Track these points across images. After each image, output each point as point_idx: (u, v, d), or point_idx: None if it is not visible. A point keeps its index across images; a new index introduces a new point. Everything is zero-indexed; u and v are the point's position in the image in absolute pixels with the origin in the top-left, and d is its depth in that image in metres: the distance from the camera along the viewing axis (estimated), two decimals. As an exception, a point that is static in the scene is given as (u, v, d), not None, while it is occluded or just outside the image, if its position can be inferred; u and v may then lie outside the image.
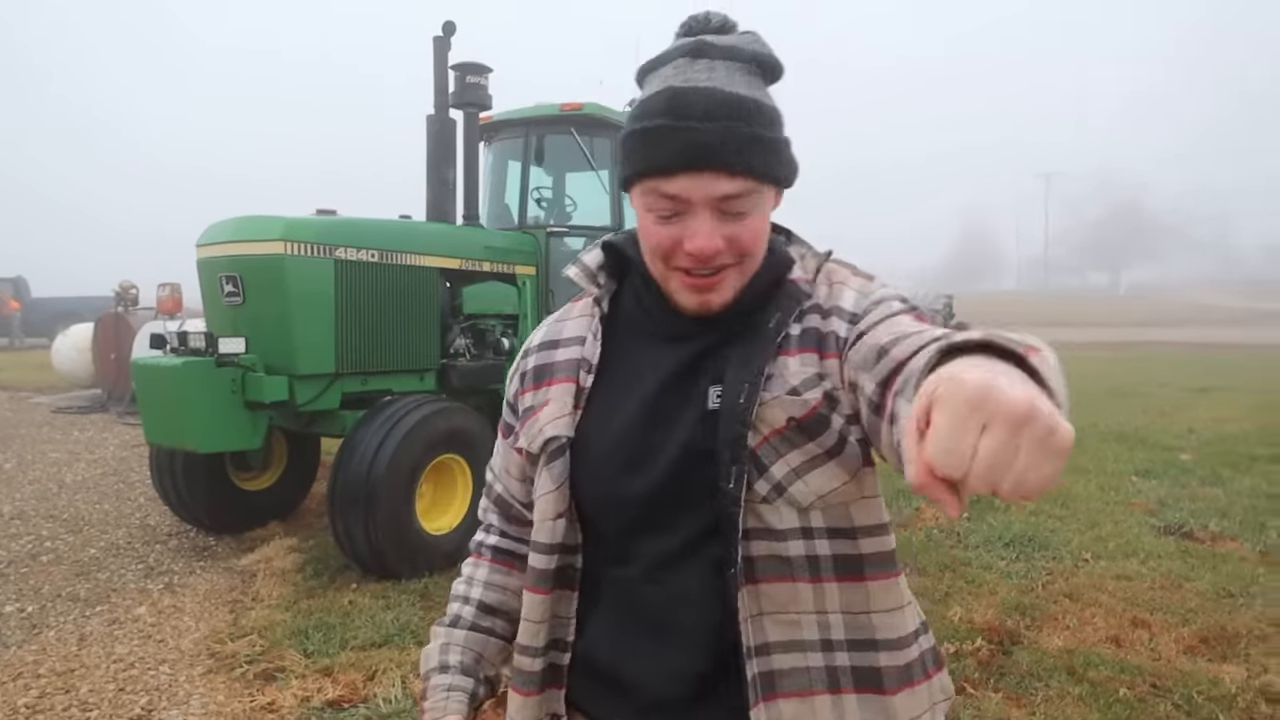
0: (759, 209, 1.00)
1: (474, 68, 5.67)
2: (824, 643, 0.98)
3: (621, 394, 1.08)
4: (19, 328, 22.17)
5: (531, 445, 1.11)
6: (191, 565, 5.01)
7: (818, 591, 0.98)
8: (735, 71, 0.99)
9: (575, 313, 1.18)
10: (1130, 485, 6.60)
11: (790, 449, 0.97)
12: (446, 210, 5.71)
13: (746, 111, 0.97)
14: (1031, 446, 0.56)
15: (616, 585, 1.08)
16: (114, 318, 11.04)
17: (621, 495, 1.04)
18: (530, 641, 1.11)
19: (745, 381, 0.98)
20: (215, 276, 4.83)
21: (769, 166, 0.99)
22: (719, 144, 0.95)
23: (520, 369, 1.20)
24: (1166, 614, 3.95)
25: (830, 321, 1.01)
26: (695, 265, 0.99)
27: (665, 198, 0.98)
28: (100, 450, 8.32)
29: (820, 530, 0.99)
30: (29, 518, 5.99)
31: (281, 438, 5.69)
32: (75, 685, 3.48)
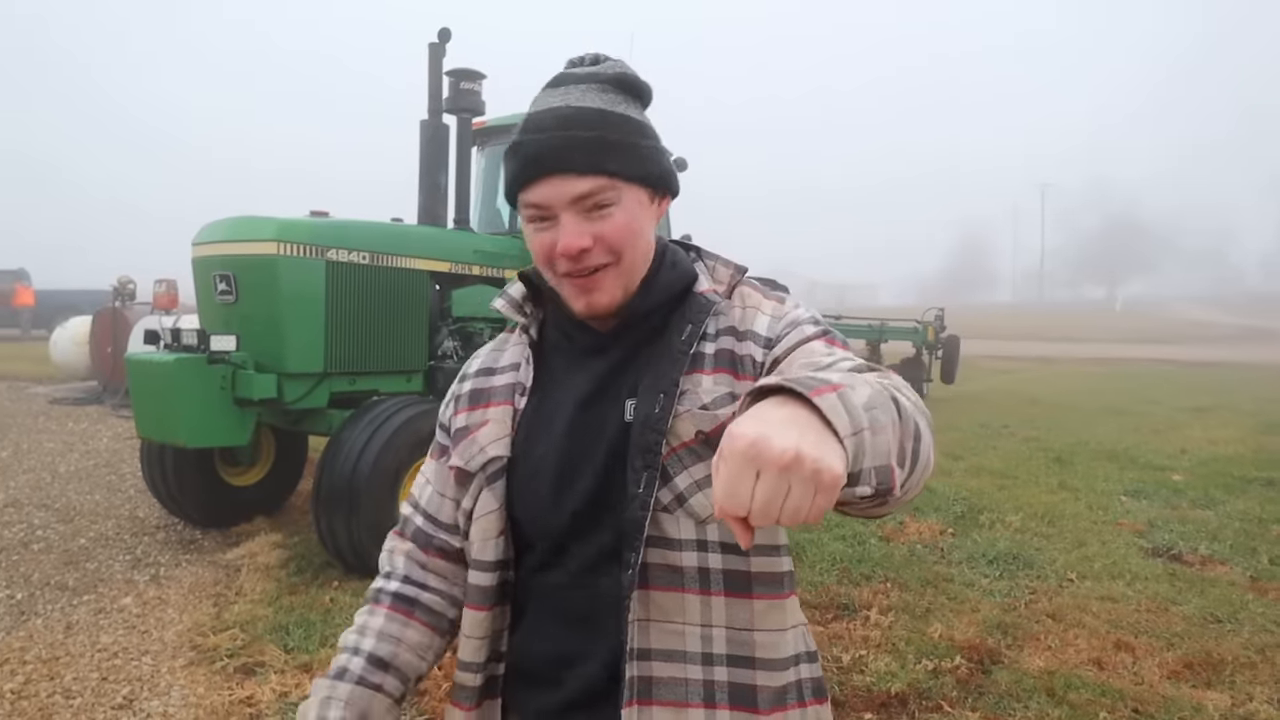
0: (621, 207, 1.04)
1: (468, 74, 5.71)
2: (704, 656, 1.02)
3: (550, 412, 1.12)
4: (28, 320, 22.22)
5: (470, 464, 1.14)
6: (178, 558, 5.03)
7: (705, 604, 1.02)
8: (590, 91, 1.06)
9: (511, 342, 1.23)
10: (1119, 505, 6.59)
11: (695, 461, 1.02)
12: (438, 214, 5.75)
13: (588, 120, 1.03)
14: (799, 485, 0.66)
15: (545, 591, 1.11)
16: (111, 312, 11.07)
17: (552, 508, 1.08)
18: (472, 658, 1.13)
19: (660, 392, 1.03)
20: (209, 275, 4.85)
21: (619, 165, 1.04)
22: (563, 148, 1.02)
23: (455, 393, 1.23)
24: (1151, 637, 3.94)
25: (745, 344, 1.07)
26: (571, 267, 1.04)
27: (531, 206, 1.05)
28: (94, 441, 8.33)
29: (715, 544, 1.03)
30: (22, 506, 6.01)
31: (270, 435, 5.72)
32: (60, 673, 3.50)
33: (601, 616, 1.05)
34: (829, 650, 3.70)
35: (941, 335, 14.38)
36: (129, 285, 11.73)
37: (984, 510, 6.19)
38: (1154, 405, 13.60)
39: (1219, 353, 26.57)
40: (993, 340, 29.08)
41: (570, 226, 1.02)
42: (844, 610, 4.21)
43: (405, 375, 5.36)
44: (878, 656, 3.64)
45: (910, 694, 3.33)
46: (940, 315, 14.61)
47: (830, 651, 3.68)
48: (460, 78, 5.70)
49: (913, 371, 14.32)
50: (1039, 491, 6.93)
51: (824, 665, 3.54)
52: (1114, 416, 12.12)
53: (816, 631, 3.92)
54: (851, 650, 3.70)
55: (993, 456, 8.48)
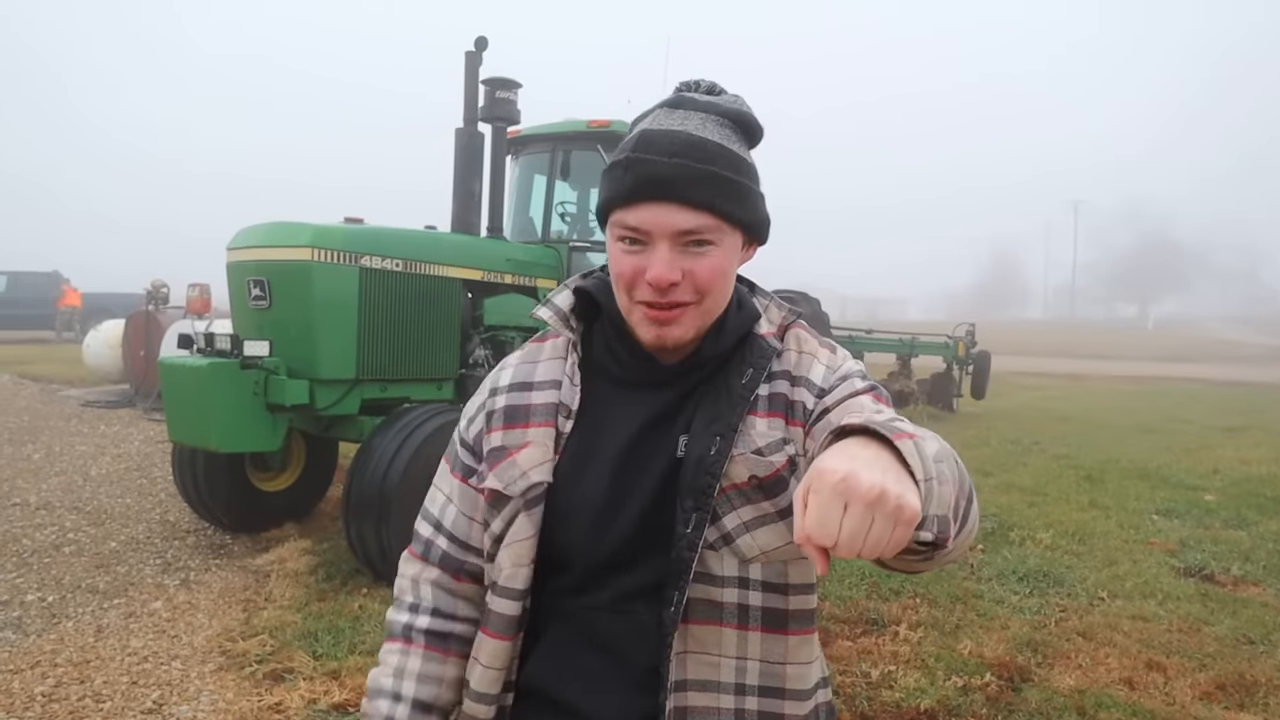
0: (720, 248, 1.03)
1: (504, 83, 5.76)
2: (738, 686, 1.04)
3: (596, 441, 1.09)
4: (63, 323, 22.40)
5: (510, 488, 1.09)
6: (208, 562, 5.08)
7: (741, 638, 1.04)
8: (709, 122, 1.05)
9: (545, 355, 1.17)
10: (1151, 524, 6.49)
11: (745, 504, 1.03)
12: (471, 222, 5.79)
13: (709, 153, 1.01)
14: (882, 519, 0.71)
15: (576, 615, 1.09)
16: (144, 315, 11.21)
17: (596, 540, 1.06)
18: (487, 689, 1.10)
19: (717, 434, 1.03)
20: (243, 280, 4.91)
21: (730, 207, 1.02)
22: (678, 177, 0.99)
23: (486, 408, 1.17)
24: (1183, 658, 3.88)
25: (799, 391, 1.08)
26: (654, 297, 1.02)
27: (628, 228, 1.03)
28: (126, 445, 8.44)
29: (756, 582, 1.04)
30: (54, 508, 6.10)
31: (300, 440, 5.77)
32: (90, 676, 3.54)
33: (633, 643, 1.05)
34: (858, 665, 3.67)
35: (972, 351, 14.25)
36: (162, 289, 11.86)
37: (1014, 527, 6.12)
38: (1186, 424, 13.39)
39: (1252, 372, 26.13)
40: (1024, 357, 28.78)
41: (664, 257, 1.00)
42: (873, 625, 4.17)
43: (436, 383, 5.39)
44: (907, 672, 3.60)
45: (940, 710, 3.29)
46: (971, 331, 14.50)
47: (859, 667, 3.65)
48: (496, 86, 5.75)
49: (943, 387, 14.21)
50: (1070, 509, 6.84)
51: (853, 680, 3.53)
52: (1145, 435, 11.94)
53: (845, 646, 3.90)
54: (880, 666, 3.66)
55: (1023, 473, 8.38)
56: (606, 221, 1.08)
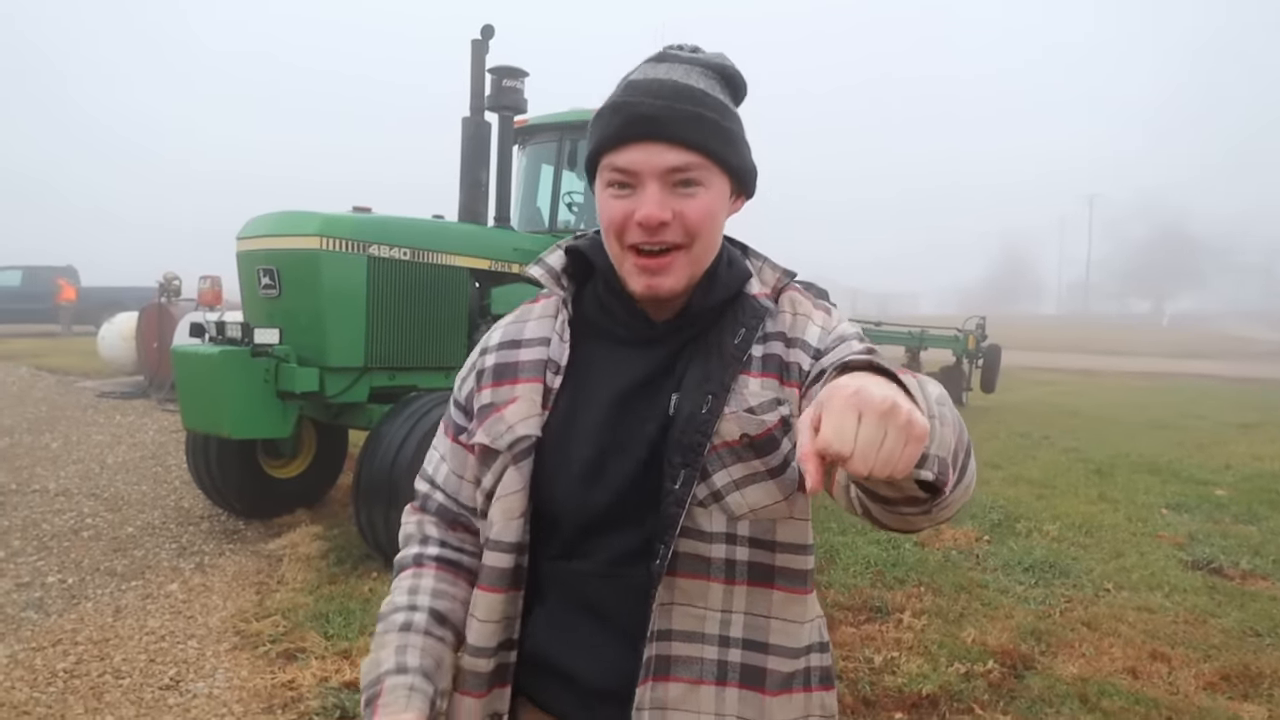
0: (709, 190, 1.04)
1: (510, 71, 5.75)
2: (721, 638, 1.06)
3: (587, 396, 1.10)
4: (69, 317, 22.60)
5: (497, 442, 1.10)
6: (221, 547, 5.16)
7: (727, 592, 1.06)
8: (694, 72, 1.07)
9: (534, 314, 1.19)
10: (1160, 518, 6.48)
11: (735, 462, 1.04)
12: (478, 211, 5.81)
13: (695, 96, 1.04)
14: (894, 432, 0.72)
15: (568, 580, 1.10)
16: (157, 308, 11.31)
17: (587, 496, 1.07)
18: (484, 643, 1.10)
19: (708, 393, 1.04)
20: (253, 269, 4.98)
21: (717, 147, 1.04)
22: (664, 117, 1.01)
23: (477, 367, 1.19)
24: (1188, 649, 3.89)
25: (794, 352, 1.09)
26: (644, 239, 1.03)
27: (616, 170, 1.04)
28: (140, 434, 8.54)
29: (744, 539, 1.06)
30: (72, 495, 6.20)
31: (311, 428, 5.83)
32: (110, 654, 3.63)
33: (628, 608, 1.06)
34: (860, 651, 3.70)
35: (982, 344, 14.20)
36: (174, 282, 11.96)
37: (1021, 519, 6.13)
38: (1199, 420, 13.31)
39: (1267, 369, 25.89)
40: (1035, 352, 28.59)
41: (654, 195, 1.01)
42: (877, 613, 4.20)
43: (444, 371, 5.43)
44: (910, 658, 3.63)
45: (941, 696, 3.32)
46: (981, 324, 14.43)
47: (862, 653, 3.68)
48: (502, 75, 5.74)
49: (953, 380, 14.15)
50: (1078, 502, 6.84)
51: (856, 665, 3.56)
52: (1157, 430, 11.88)
53: (849, 633, 3.92)
54: (884, 652, 3.69)
55: (1032, 466, 8.37)
56: (596, 173, 1.09)
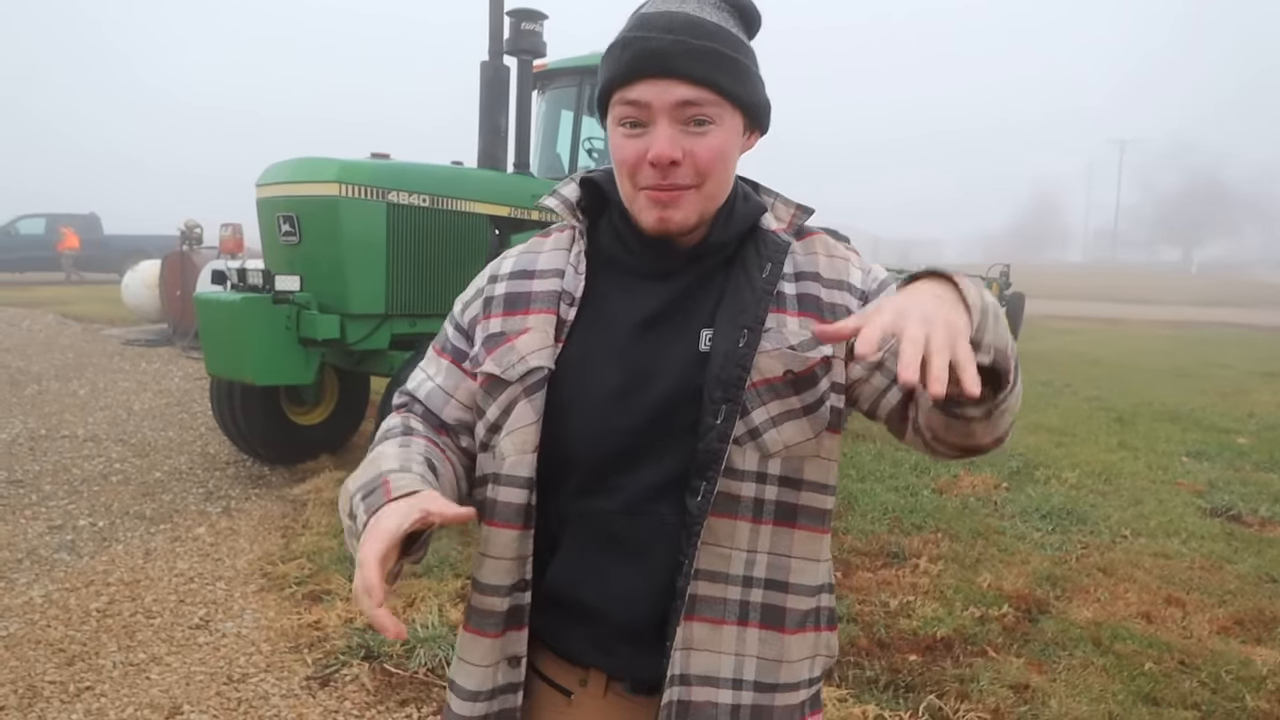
0: (721, 127, 1.02)
1: (529, 14, 5.65)
2: (745, 579, 1.06)
3: (605, 329, 1.08)
4: (71, 264, 22.71)
5: (508, 372, 1.07)
6: (247, 492, 5.26)
7: (754, 531, 1.06)
8: (706, 5, 1.04)
9: (547, 246, 1.16)
10: (1180, 466, 6.46)
11: (774, 399, 1.04)
12: (498, 158, 5.76)
13: (707, 30, 1.01)
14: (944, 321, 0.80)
15: (589, 519, 1.07)
16: (179, 256, 11.39)
17: (608, 429, 1.05)
18: (499, 580, 1.08)
19: (744, 327, 1.03)
20: (273, 216, 4.99)
21: (730, 83, 1.01)
22: (677, 51, 0.99)
23: (485, 294, 1.16)
24: (1203, 594, 3.92)
25: (837, 294, 1.09)
26: (657, 179, 1.01)
27: (628, 104, 1.01)
28: (166, 381, 8.67)
29: (774, 477, 1.06)
30: (100, 440, 6.32)
31: (334, 375, 5.90)
32: (140, 595, 3.73)
33: (654, 545, 1.05)
34: (877, 596, 3.74)
35: (1006, 292, 14.03)
36: (196, 230, 12.04)
37: (1040, 466, 6.13)
38: (1224, 369, 13.16)
39: (1297, 317, 25.48)
40: (1061, 300, 28.28)
41: (665, 133, 0.99)
42: (894, 558, 4.24)
43: (464, 318, 5.45)
44: (925, 603, 3.67)
45: (956, 639, 3.36)
46: (1005, 272, 14.24)
47: (878, 597, 3.73)
48: (521, 18, 5.64)
49: (973, 329, 14.04)
50: (1098, 450, 6.82)
51: (871, 609, 3.61)
52: (1181, 379, 11.78)
53: (866, 578, 3.97)
54: (899, 596, 3.73)
55: (1053, 414, 8.34)
56: (607, 111, 1.06)
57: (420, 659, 3.10)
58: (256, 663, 3.17)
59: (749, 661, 1.06)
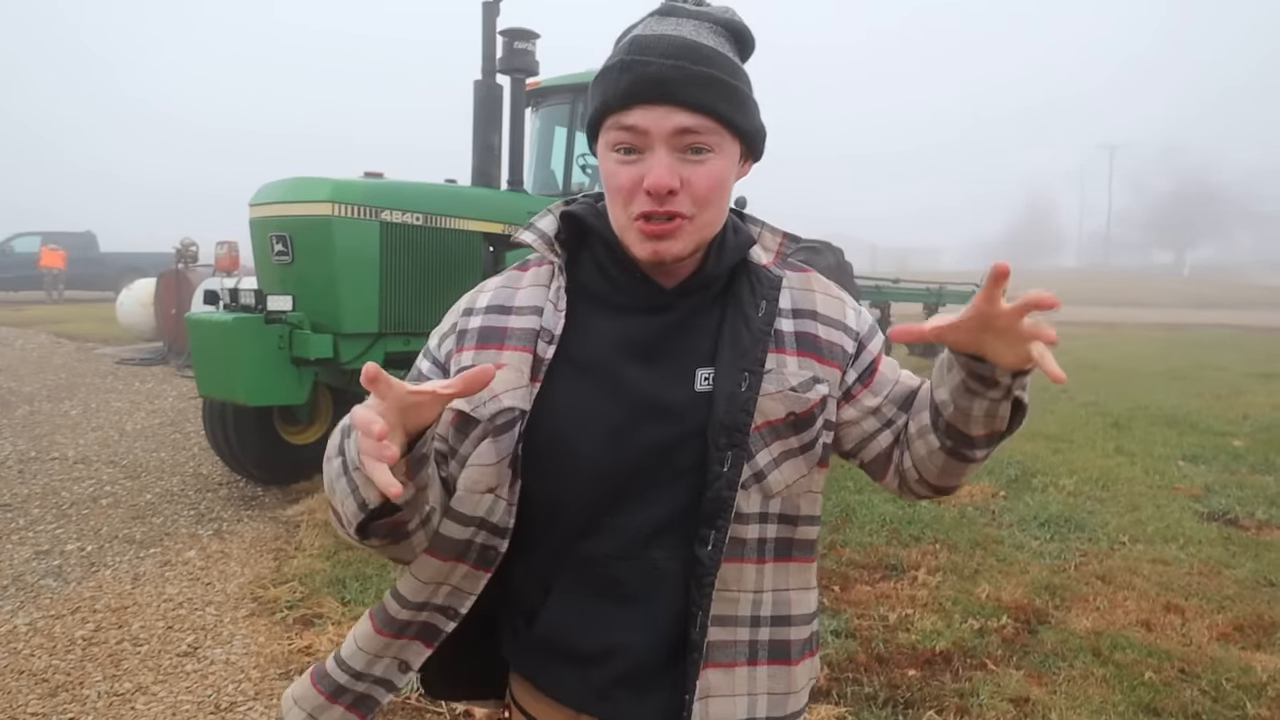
0: (719, 155, 1.00)
1: (522, 34, 5.69)
2: (753, 619, 1.06)
3: (591, 367, 1.04)
4: (53, 282, 22.63)
5: (478, 410, 1.03)
6: (240, 513, 5.22)
7: (759, 572, 1.06)
8: (703, 29, 1.01)
9: (524, 282, 1.11)
10: (1176, 470, 6.46)
11: (775, 439, 1.04)
12: (491, 175, 5.78)
13: (705, 56, 0.98)
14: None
15: (582, 562, 1.04)
16: (174, 274, 11.37)
17: (601, 470, 1.02)
18: (411, 596, 1.06)
19: (745, 370, 1.02)
20: (266, 235, 4.97)
21: (728, 110, 0.99)
22: (676, 78, 0.96)
23: (459, 326, 1.11)
24: (1202, 600, 3.90)
25: (832, 332, 1.10)
26: (653, 208, 0.98)
27: (624, 130, 0.98)
28: (160, 401, 8.63)
29: (774, 515, 1.06)
30: (91, 462, 6.28)
31: (328, 395, 5.86)
32: (128, 621, 3.68)
33: (652, 590, 1.03)
34: (876, 609, 3.71)
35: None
36: (191, 248, 12.01)
37: (1037, 474, 6.11)
38: (1219, 371, 13.18)
39: (1291, 317, 25.57)
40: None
41: (664, 160, 0.96)
42: (892, 570, 4.21)
43: (457, 336, 5.44)
44: (924, 615, 3.65)
45: (955, 652, 3.33)
46: (997, 277, 14.25)
47: (877, 610, 3.70)
48: (514, 37, 5.68)
49: (969, 335, 14.03)
50: (1094, 456, 6.81)
51: (870, 623, 3.59)
52: (1176, 382, 11.79)
53: (864, 591, 3.95)
54: (898, 609, 3.70)
55: (1049, 420, 8.33)
56: (598, 134, 1.03)
57: (413, 684, 3.06)
58: (245, 690, 3.13)
59: (761, 699, 1.07)
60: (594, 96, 1.03)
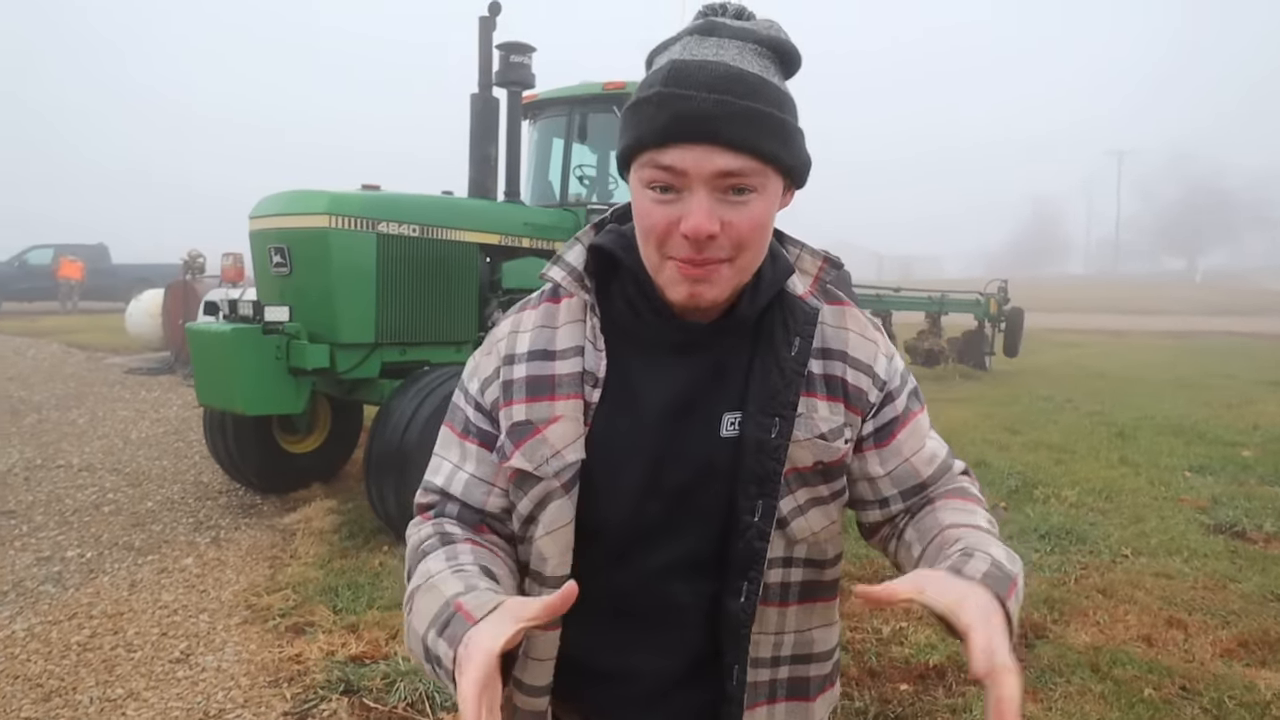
0: (762, 196, 0.92)
1: (518, 47, 5.72)
2: (773, 659, 1.06)
3: (629, 409, 1.01)
4: (65, 293, 22.90)
5: (542, 469, 0.99)
6: (237, 521, 5.23)
7: (780, 615, 1.05)
8: (746, 51, 0.92)
9: (562, 319, 1.05)
10: (1183, 481, 6.37)
11: (801, 487, 1.02)
12: (488, 187, 5.80)
13: (752, 87, 0.89)
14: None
15: (610, 587, 1.03)
16: (182, 285, 11.49)
17: (633, 512, 1.01)
18: (539, 682, 1.03)
19: (775, 416, 0.98)
20: (265, 247, 5.00)
21: (774, 148, 0.90)
22: (720, 114, 0.87)
23: (503, 376, 1.04)
24: (1206, 615, 3.83)
25: (858, 376, 1.04)
26: (690, 252, 0.91)
27: (661, 169, 0.90)
28: (164, 410, 8.68)
29: (799, 560, 1.05)
30: (95, 470, 6.32)
31: (325, 404, 5.89)
32: (123, 628, 3.70)
33: (670, 622, 1.03)
34: (869, 622, 3.68)
35: (1005, 308, 14.01)
36: (198, 259, 12.16)
37: (1039, 485, 6.05)
38: (1229, 379, 13.06)
39: (1304, 326, 25.35)
40: (1063, 314, 28.23)
41: (703, 205, 0.89)
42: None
43: (455, 346, 5.45)
44: (918, 629, 3.61)
45: (949, 666, 3.30)
46: (1003, 287, 14.22)
47: (870, 624, 3.67)
48: (510, 51, 5.71)
49: (975, 345, 14.01)
50: (1098, 466, 6.74)
51: (864, 636, 3.55)
52: (1184, 390, 11.68)
53: (858, 603, 3.89)
54: (892, 622, 3.67)
55: (1053, 431, 8.27)
56: (630, 166, 0.95)
57: (400, 693, 3.06)
58: (235, 698, 3.12)
59: None
60: (628, 129, 0.94)
